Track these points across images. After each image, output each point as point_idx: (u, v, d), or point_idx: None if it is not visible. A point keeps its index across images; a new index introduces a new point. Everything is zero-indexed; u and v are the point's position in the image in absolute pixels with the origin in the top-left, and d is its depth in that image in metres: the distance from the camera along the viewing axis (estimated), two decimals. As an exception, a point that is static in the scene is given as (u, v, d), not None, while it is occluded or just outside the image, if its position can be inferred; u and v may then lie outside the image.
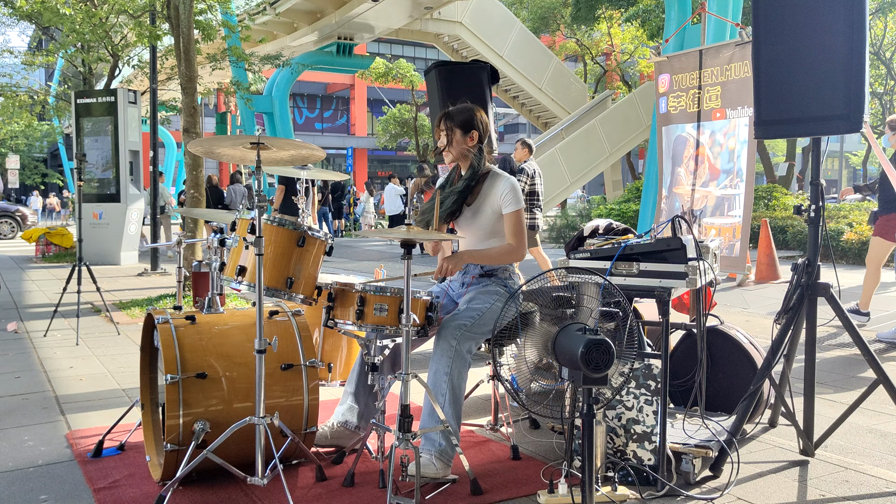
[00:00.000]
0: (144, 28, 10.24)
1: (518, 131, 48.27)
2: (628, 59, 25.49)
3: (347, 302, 2.99)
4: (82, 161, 6.52)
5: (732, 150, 5.86)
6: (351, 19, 17.35)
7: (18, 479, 3.06)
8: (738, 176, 5.82)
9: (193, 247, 8.05)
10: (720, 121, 5.90)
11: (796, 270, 3.33)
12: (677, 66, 6.19)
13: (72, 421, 3.87)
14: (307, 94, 44.77)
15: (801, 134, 3.40)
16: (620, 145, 18.01)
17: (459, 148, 3.31)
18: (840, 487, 3.00)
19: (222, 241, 3.18)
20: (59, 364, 5.16)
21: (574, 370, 2.38)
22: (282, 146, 2.90)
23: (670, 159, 6.35)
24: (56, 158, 45.09)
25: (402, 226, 2.87)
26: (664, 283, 3.01)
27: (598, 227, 3.48)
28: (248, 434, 2.84)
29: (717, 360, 3.73)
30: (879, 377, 3.19)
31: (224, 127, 22.45)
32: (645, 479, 2.99)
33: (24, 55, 15.47)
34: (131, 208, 12.67)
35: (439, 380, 3.03)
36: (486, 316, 3.14)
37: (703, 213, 6.04)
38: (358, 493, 2.90)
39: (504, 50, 20.01)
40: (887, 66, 21.66)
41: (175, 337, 2.92)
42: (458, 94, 4.08)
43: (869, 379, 3.31)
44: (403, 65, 27.29)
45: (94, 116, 12.68)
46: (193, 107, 7.92)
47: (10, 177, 33.30)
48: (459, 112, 3.31)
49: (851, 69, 3.02)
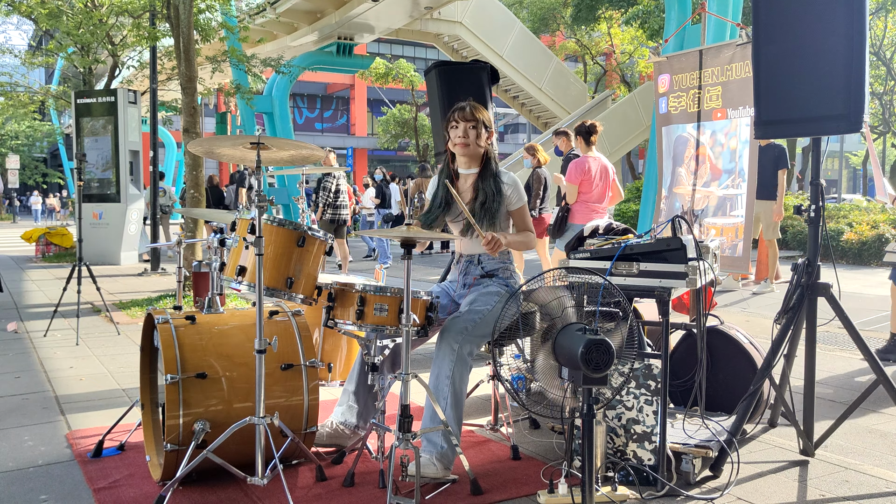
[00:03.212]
0: (143, 29, 10.24)
1: (518, 131, 48.26)
2: (628, 59, 25.48)
3: (347, 302, 2.98)
4: (82, 161, 6.52)
5: (734, 150, 5.86)
6: (351, 19, 17.34)
7: (18, 479, 3.06)
8: (741, 176, 5.82)
9: (193, 247, 8.05)
10: (721, 121, 5.90)
11: (796, 270, 3.33)
12: (677, 66, 6.19)
13: (72, 421, 3.87)
14: (307, 94, 44.77)
15: (801, 134, 3.40)
16: (620, 145, 18.00)
17: (483, 144, 3.32)
18: (840, 487, 3.00)
19: (222, 241, 3.18)
20: (59, 364, 5.16)
21: (574, 370, 2.38)
22: (282, 146, 2.90)
23: (670, 159, 6.35)
24: (56, 158, 45.10)
25: (403, 226, 2.87)
26: (664, 283, 3.01)
27: (598, 227, 3.48)
28: (248, 434, 2.84)
29: (717, 360, 3.72)
30: (879, 377, 3.19)
31: (224, 127, 22.44)
32: (645, 479, 2.99)
33: (24, 55, 15.46)
34: (131, 208, 12.67)
35: (441, 383, 3.03)
36: (487, 318, 3.14)
37: (705, 214, 6.04)
38: (358, 493, 2.90)
39: (504, 50, 19.99)
40: (887, 66, 21.65)
41: (175, 337, 2.92)
42: (458, 94, 4.08)
43: (869, 379, 3.30)
44: (403, 65, 27.28)
45: (94, 116, 12.68)
46: (193, 107, 7.92)
47: (10, 177, 33.33)
48: (482, 109, 3.33)
49: (851, 69, 3.02)
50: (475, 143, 3.29)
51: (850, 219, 12.49)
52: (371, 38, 19.84)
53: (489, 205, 3.26)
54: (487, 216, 3.26)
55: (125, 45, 13.30)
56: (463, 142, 3.27)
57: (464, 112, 3.28)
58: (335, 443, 3.32)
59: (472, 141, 3.28)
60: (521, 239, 3.34)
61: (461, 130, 3.27)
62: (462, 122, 3.27)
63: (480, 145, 3.31)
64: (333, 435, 3.31)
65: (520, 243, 3.33)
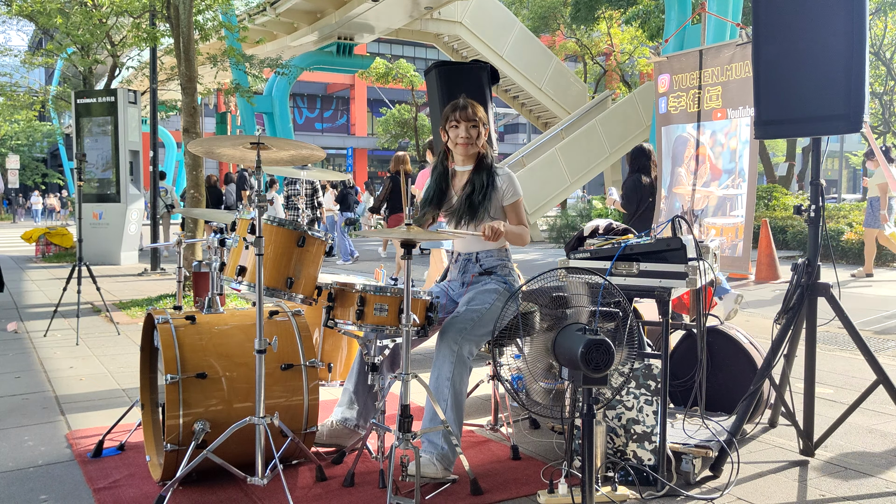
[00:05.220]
0: (143, 30, 10.24)
1: (518, 131, 48.25)
2: (628, 59, 25.48)
3: (347, 302, 2.98)
4: (82, 161, 6.52)
5: (734, 150, 5.86)
6: (351, 19, 17.36)
7: (18, 479, 3.06)
8: (741, 176, 5.82)
9: (193, 247, 8.05)
10: (721, 121, 5.90)
11: (796, 270, 3.33)
12: (677, 66, 6.19)
13: (72, 421, 3.87)
14: (307, 94, 44.77)
15: (801, 134, 3.40)
16: (620, 145, 17.98)
17: (482, 142, 3.34)
18: (840, 487, 3.00)
19: (222, 241, 3.18)
20: (59, 364, 5.16)
21: (574, 370, 2.38)
22: (282, 146, 2.90)
23: (670, 159, 6.35)
24: (56, 158, 45.11)
25: (403, 226, 2.87)
26: (664, 283, 3.01)
27: (598, 227, 3.48)
28: (248, 434, 2.84)
29: (717, 360, 3.72)
30: (879, 377, 3.19)
31: (224, 127, 22.46)
32: (645, 479, 2.99)
33: (24, 55, 15.46)
34: (131, 208, 12.67)
35: (441, 384, 3.03)
36: (486, 317, 3.15)
37: (705, 214, 6.04)
38: (358, 493, 2.90)
39: (504, 50, 19.99)
40: (887, 66, 21.64)
41: (175, 337, 2.92)
42: (458, 94, 4.08)
43: (869, 379, 3.30)
44: (403, 65, 27.29)
45: (94, 116, 12.68)
46: (193, 107, 7.92)
47: (10, 177, 33.33)
48: (479, 107, 3.35)
49: (851, 69, 3.02)
50: (475, 142, 3.33)
51: (850, 219, 12.49)
52: (371, 38, 19.86)
53: (477, 196, 3.28)
54: (481, 206, 3.27)
55: (125, 45, 13.30)
56: (465, 141, 3.30)
57: (465, 112, 3.30)
58: (335, 442, 3.32)
59: (474, 140, 3.31)
60: (516, 231, 3.35)
61: (463, 130, 3.29)
62: (463, 122, 3.29)
63: (480, 144, 3.34)
64: (333, 434, 3.31)
65: (516, 236, 3.35)
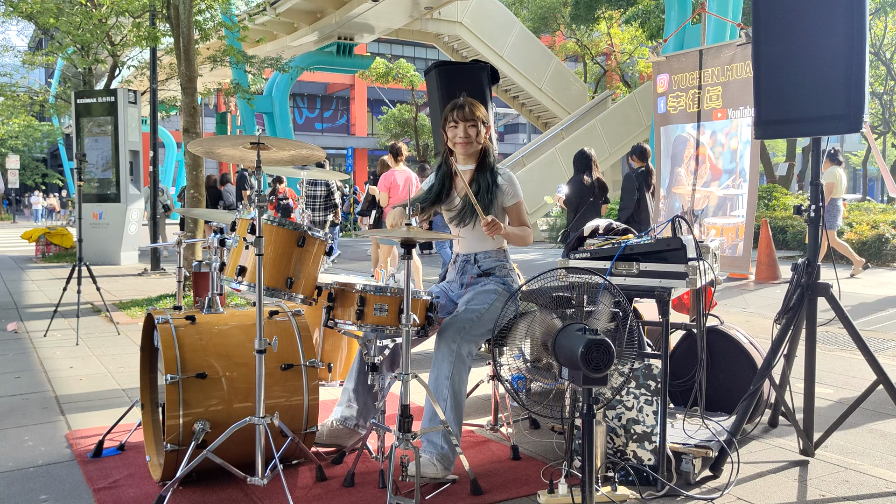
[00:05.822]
0: (143, 30, 10.24)
1: (518, 131, 48.25)
2: (628, 59, 25.47)
3: (347, 302, 2.98)
4: (82, 161, 6.52)
5: (735, 151, 5.86)
6: (351, 19, 17.35)
7: (18, 479, 3.06)
8: (741, 176, 5.82)
9: (193, 247, 8.05)
10: (721, 121, 5.90)
11: (796, 270, 3.33)
12: (676, 66, 6.19)
13: (72, 421, 3.87)
14: (307, 94, 44.76)
15: (801, 134, 3.40)
16: (620, 145, 17.98)
17: (482, 141, 3.34)
18: (840, 487, 3.00)
19: (222, 241, 3.18)
20: (59, 364, 5.16)
21: (574, 370, 2.38)
22: (282, 146, 2.90)
23: (669, 159, 6.35)
24: (56, 158, 45.09)
25: (403, 226, 2.87)
26: (664, 283, 3.01)
27: (598, 228, 3.48)
28: (248, 434, 2.84)
29: (717, 360, 3.72)
30: (879, 377, 3.19)
31: (224, 127, 22.47)
32: (645, 479, 2.99)
33: (24, 55, 15.46)
34: (131, 208, 12.67)
35: (441, 384, 3.03)
36: (485, 316, 3.15)
37: (705, 213, 6.04)
38: (358, 493, 2.90)
39: (504, 50, 20.00)
40: (887, 66, 21.65)
41: (175, 337, 2.92)
42: (458, 94, 4.08)
43: (869, 379, 3.31)
44: (403, 65, 27.28)
45: (94, 116, 12.68)
46: (193, 107, 7.92)
47: (10, 177, 33.33)
48: (479, 105, 3.34)
49: (851, 69, 3.02)
50: (475, 141, 3.33)
51: (850, 219, 12.48)
52: (371, 38, 19.85)
53: (483, 195, 3.28)
54: (482, 205, 3.27)
55: (125, 45, 13.30)
56: (464, 141, 3.30)
57: (463, 111, 3.30)
58: (335, 442, 3.32)
59: (473, 139, 3.32)
60: (518, 233, 3.35)
61: (461, 130, 3.30)
62: (462, 122, 3.30)
63: (480, 142, 3.35)
64: (333, 434, 3.31)
65: (517, 237, 3.35)
